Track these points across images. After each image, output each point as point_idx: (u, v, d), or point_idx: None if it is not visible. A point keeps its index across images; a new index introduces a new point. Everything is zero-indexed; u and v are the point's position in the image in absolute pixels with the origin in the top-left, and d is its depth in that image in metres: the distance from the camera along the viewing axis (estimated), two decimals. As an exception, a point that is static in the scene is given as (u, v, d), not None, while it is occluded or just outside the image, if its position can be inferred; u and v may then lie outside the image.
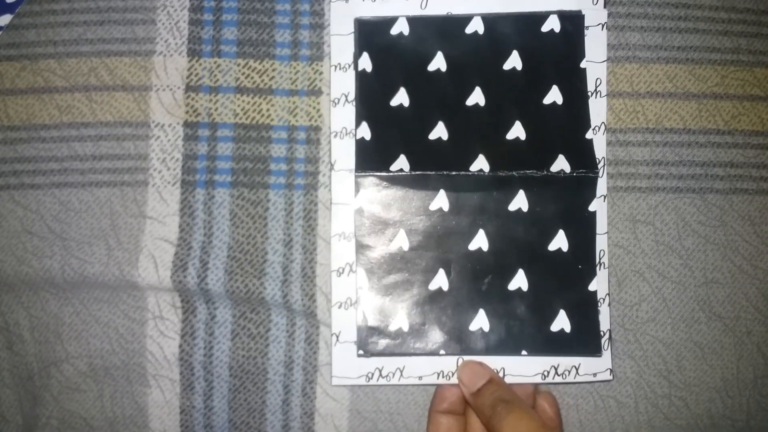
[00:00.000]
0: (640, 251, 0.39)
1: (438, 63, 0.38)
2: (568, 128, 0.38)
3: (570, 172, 0.37)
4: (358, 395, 0.39)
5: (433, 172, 0.37)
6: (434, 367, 0.38)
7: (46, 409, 0.39)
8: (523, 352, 0.37)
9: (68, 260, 0.38)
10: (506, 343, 0.37)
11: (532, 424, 0.32)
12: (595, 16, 0.39)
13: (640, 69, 0.40)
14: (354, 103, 0.38)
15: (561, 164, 0.37)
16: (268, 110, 0.39)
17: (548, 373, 0.38)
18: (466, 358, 0.37)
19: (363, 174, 0.37)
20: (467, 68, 0.38)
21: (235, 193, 0.39)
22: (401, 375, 0.38)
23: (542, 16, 0.39)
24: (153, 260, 0.38)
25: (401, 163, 0.37)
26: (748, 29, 0.40)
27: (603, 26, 0.39)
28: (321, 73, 0.39)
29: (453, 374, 0.37)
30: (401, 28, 0.39)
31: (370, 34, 0.38)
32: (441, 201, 0.37)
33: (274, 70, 0.39)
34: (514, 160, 0.37)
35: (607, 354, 0.38)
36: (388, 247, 0.38)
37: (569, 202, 0.38)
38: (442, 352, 0.37)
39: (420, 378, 0.38)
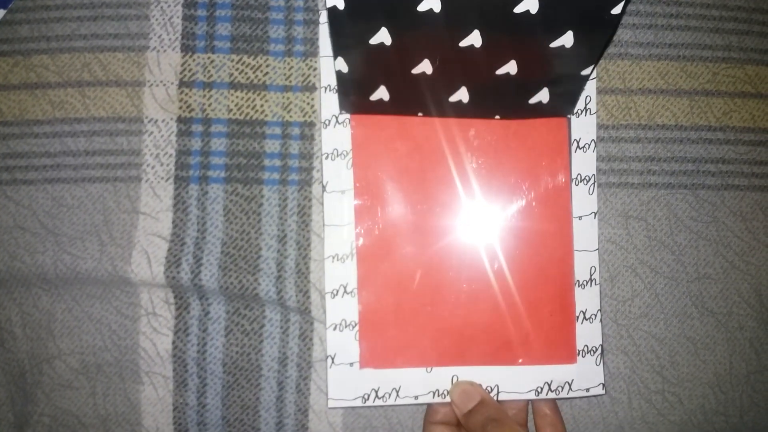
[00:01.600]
0: (633, 247, 0.39)
1: (432, 2, 0.32)
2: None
3: None
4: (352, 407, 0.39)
5: None
6: (429, 386, 0.38)
7: (38, 406, 0.38)
8: (496, 116, 0.37)
9: (60, 256, 0.38)
10: (481, 110, 0.36)
11: None
12: None
13: (632, 66, 0.40)
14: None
15: None
16: (261, 106, 0.39)
17: (541, 389, 0.38)
18: (461, 373, 0.38)
19: None
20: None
21: (228, 188, 0.39)
22: (397, 395, 0.38)
23: None
24: (146, 256, 0.38)
25: None
26: (739, 27, 0.40)
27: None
28: (315, 69, 0.39)
29: (448, 393, 0.38)
30: None
31: None
32: (431, 2, 0.31)
33: (267, 65, 0.39)
34: None
35: (599, 369, 0.38)
36: (368, 41, 0.33)
37: (590, 4, 0.31)
38: (419, 114, 0.37)
39: (416, 398, 0.38)
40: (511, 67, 0.34)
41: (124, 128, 0.39)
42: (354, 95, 0.36)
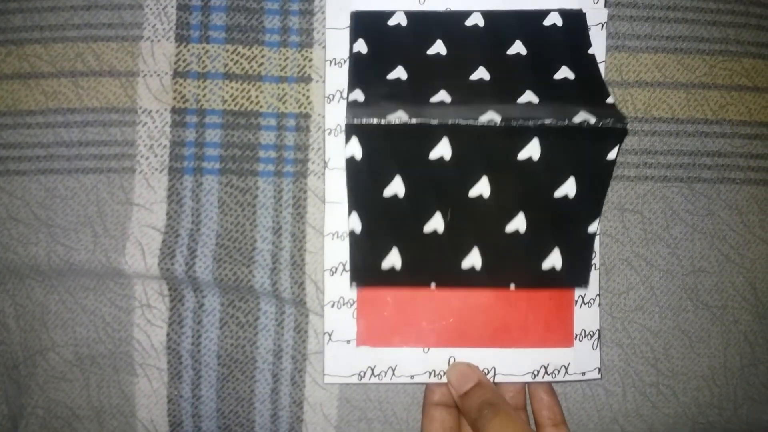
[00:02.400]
0: (628, 240, 0.39)
1: (437, 48, 0.37)
2: (586, 98, 0.35)
3: (595, 123, 0.33)
4: (347, 383, 0.39)
5: (437, 122, 0.34)
6: (426, 366, 0.38)
7: (32, 398, 0.38)
8: (512, 286, 0.37)
9: (54, 247, 0.38)
10: (496, 279, 0.37)
11: (517, 428, 0.33)
12: (595, 16, 0.39)
13: (628, 58, 0.40)
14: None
15: (584, 116, 0.34)
16: (257, 97, 0.39)
17: (538, 372, 0.38)
18: (457, 354, 0.38)
19: (356, 124, 0.34)
20: (469, 52, 0.37)
21: (223, 180, 0.38)
22: (393, 374, 0.38)
23: (543, 13, 0.38)
24: (140, 248, 0.38)
25: (400, 115, 0.35)
26: (736, 20, 0.40)
27: (603, 26, 0.39)
28: (311, 60, 0.39)
29: (444, 373, 0.37)
30: (399, 19, 0.38)
31: (367, 24, 0.38)
32: (443, 149, 0.34)
33: (263, 56, 0.39)
34: (529, 116, 0.34)
35: (595, 353, 0.38)
36: (382, 193, 0.35)
37: (587, 152, 0.34)
38: (432, 285, 0.37)
39: (412, 377, 0.38)
40: (520, 223, 0.36)
41: (117, 119, 0.38)
42: (366, 261, 0.36)
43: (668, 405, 0.39)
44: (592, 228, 0.36)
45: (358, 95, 0.35)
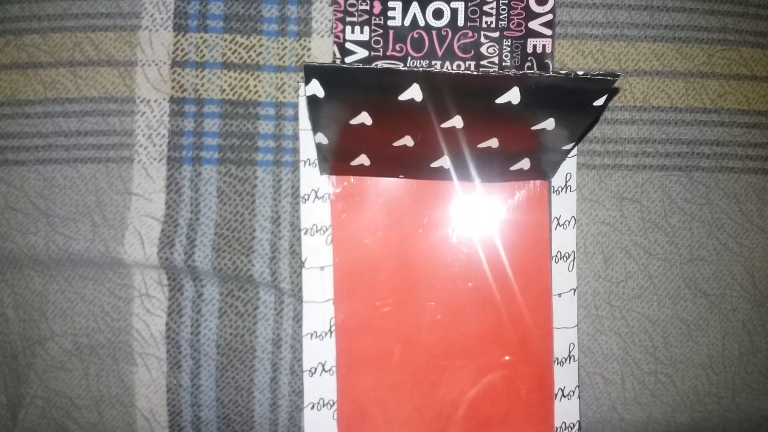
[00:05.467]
0: (627, 228, 0.39)
1: (413, 93, 0.31)
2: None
3: (583, 74, 0.30)
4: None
5: (406, 68, 0.29)
6: None
7: (31, 388, 0.38)
8: (478, 180, 0.38)
9: (53, 237, 0.38)
10: (463, 175, 0.37)
11: None
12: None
13: (627, 47, 0.40)
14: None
15: (570, 71, 0.31)
16: (255, 86, 0.39)
17: None
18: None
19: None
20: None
21: (222, 169, 0.38)
22: None
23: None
24: (139, 237, 0.38)
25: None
26: (734, 9, 0.40)
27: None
28: (309, 49, 0.39)
29: None
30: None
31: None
32: (413, 93, 0.31)
33: (261, 45, 0.39)
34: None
35: None
36: (348, 122, 0.33)
37: (571, 99, 0.31)
38: (401, 176, 0.37)
39: None
40: (492, 143, 0.35)
41: (116, 108, 0.38)
42: (334, 161, 0.36)
43: (667, 393, 0.39)
44: (567, 147, 0.35)
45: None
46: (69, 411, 0.39)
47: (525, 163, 0.36)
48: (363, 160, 0.36)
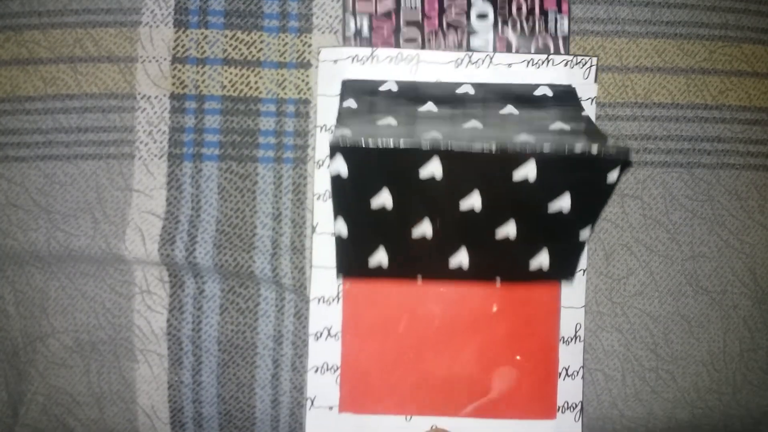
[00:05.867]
0: (628, 225, 0.39)
1: (428, 107, 0.36)
2: (587, 137, 0.34)
3: (597, 152, 0.32)
4: (347, 369, 0.39)
5: (428, 145, 0.32)
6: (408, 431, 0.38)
7: (32, 384, 0.38)
8: (498, 281, 0.38)
9: (54, 233, 0.38)
10: (482, 275, 0.37)
11: None
12: (586, 91, 0.39)
13: (629, 43, 0.40)
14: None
15: (585, 146, 0.32)
16: (256, 83, 0.39)
17: None
18: (440, 423, 0.38)
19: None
20: (460, 109, 0.36)
21: (223, 166, 0.38)
22: None
23: (533, 87, 0.39)
24: (140, 234, 0.38)
25: (390, 121, 0.34)
26: (735, 5, 0.40)
27: (593, 100, 0.39)
28: (310, 45, 0.39)
29: None
30: (390, 86, 0.38)
31: (357, 88, 0.37)
32: (434, 168, 0.33)
33: (262, 41, 0.39)
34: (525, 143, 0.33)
35: (577, 425, 0.39)
36: (369, 205, 0.34)
37: (586, 175, 0.33)
38: (419, 279, 0.38)
39: None
40: (510, 230, 0.35)
41: (116, 105, 0.38)
42: (353, 256, 0.36)
43: (667, 390, 0.39)
44: (584, 235, 0.36)
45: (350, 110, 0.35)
46: (70, 407, 0.39)
47: (544, 259, 0.36)
48: (381, 257, 0.36)
